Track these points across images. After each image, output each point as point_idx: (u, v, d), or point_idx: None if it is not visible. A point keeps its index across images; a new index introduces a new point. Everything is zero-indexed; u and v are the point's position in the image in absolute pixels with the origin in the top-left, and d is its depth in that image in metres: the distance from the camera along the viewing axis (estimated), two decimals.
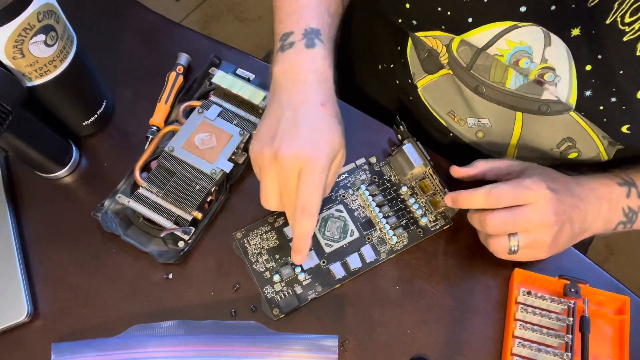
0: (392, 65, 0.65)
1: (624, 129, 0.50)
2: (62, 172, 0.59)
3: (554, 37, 0.48)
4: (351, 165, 0.59)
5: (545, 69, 0.49)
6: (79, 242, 0.56)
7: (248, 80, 0.62)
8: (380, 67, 0.67)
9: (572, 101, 0.50)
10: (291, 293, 0.53)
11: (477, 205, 0.50)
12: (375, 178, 0.58)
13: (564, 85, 0.50)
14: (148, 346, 0.50)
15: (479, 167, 0.53)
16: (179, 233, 0.54)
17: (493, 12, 0.48)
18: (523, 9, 0.47)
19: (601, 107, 0.49)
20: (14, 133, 0.51)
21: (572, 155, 0.57)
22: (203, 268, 0.55)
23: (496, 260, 0.54)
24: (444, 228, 0.56)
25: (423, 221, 0.56)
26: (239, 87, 0.59)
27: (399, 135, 0.59)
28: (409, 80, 0.62)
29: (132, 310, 0.53)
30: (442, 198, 0.56)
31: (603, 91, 0.48)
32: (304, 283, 0.54)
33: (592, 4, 0.45)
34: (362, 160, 0.59)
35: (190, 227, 0.55)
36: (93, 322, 0.53)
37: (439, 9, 0.50)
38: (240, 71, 0.62)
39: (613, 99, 0.48)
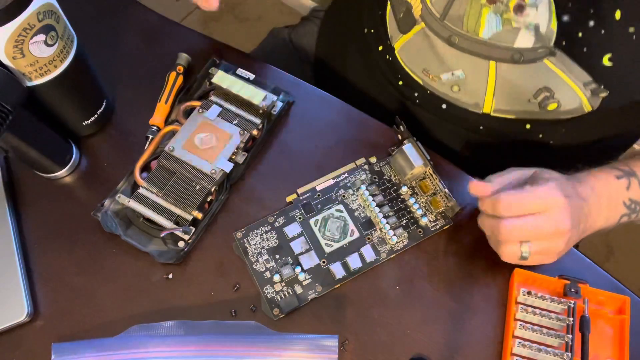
0: (372, 30, 0.66)
1: (606, 60, 0.48)
2: (62, 172, 0.59)
3: None
4: (351, 165, 0.59)
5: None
6: (79, 242, 0.56)
7: (248, 80, 0.62)
8: (366, 31, 0.68)
9: (553, 27, 0.49)
10: (291, 293, 0.53)
11: (491, 212, 0.49)
12: (375, 178, 0.58)
13: (543, 9, 0.48)
14: (148, 346, 0.50)
15: (496, 182, 0.51)
16: (179, 233, 0.54)
17: None
18: None
19: (580, 34, 0.48)
20: (14, 133, 0.51)
21: (552, 106, 0.56)
22: (203, 268, 0.55)
23: (496, 260, 0.54)
24: (444, 228, 0.56)
25: (423, 221, 0.56)
26: (239, 87, 0.60)
27: (399, 135, 0.59)
28: (388, 42, 0.63)
29: (132, 310, 0.53)
30: (442, 198, 0.56)
31: (581, 14, 0.47)
32: (304, 283, 0.54)
33: None
34: (362, 160, 0.59)
35: (190, 227, 0.55)
36: (93, 322, 0.53)
37: None
38: (240, 71, 0.62)
39: (591, 23, 0.47)
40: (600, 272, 0.55)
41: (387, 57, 0.64)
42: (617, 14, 0.46)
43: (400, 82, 0.64)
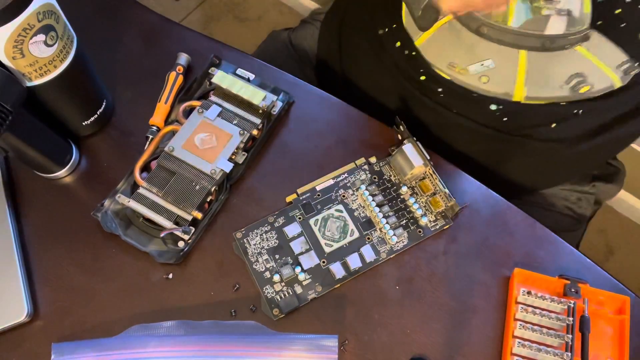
0: (386, 29, 0.65)
1: None
2: (62, 172, 0.59)
3: None
4: (351, 165, 0.59)
5: None
6: (79, 242, 0.56)
7: (248, 80, 0.62)
8: (380, 31, 0.67)
9: (587, 10, 0.49)
10: (291, 293, 0.53)
11: None
12: (375, 178, 0.58)
13: None
14: (148, 346, 0.50)
15: None
16: (178, 233, 0.54)
17: None
18: None
19: (617, 11, 0.48)
20: (14, 133, 0.51)
21: (584, 89, 0.56)
22: (203, 268, 0.55)
23: (496, 260, 0.54)
24: (444, 228, 0.56)
25: (423, 221, 0.56)
26: (239, 87, 0.60)
27: (399, 135, 0.59)
28: (409, 39, 0.62)
29: (132, 310, 0.53)
30: (442, 198, 0.56)
31: None
32: (304, 283, 0.54)
33: None
34: (362, 160, 0.59)
35: (190, 227, 0.55)
36: (93, 322, 0.53)
37: None
38: (240, 71, 0.62)
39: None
40: (600, 272, 0.55)
41: (407, 52, 0.63)
42: None
43: (423, 77, 0.64)
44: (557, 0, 0.49)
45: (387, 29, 0.65)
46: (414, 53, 0.63)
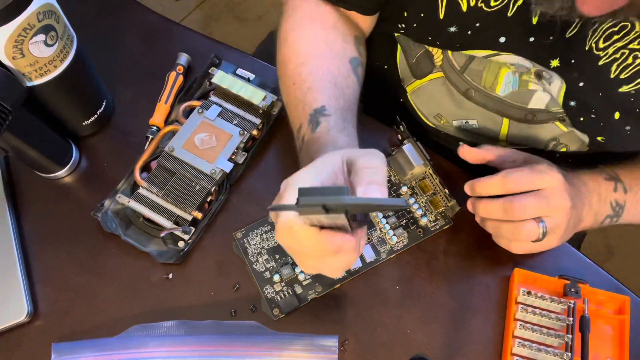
0: (385, 67, 0.65)
1: (599, 138, 0.53)
2: (62, 172, 0.59)
3: (537, 66, 0.51)
4: None
5: (541, 70, 0.52)
6: (79, 242, 0.56)
7: (248, 80, 0.62)
8: (377, 63, 0.67)
9: (560, 101, 0.52)
10: (291, 293, 0.53)
11: (495, 191, 0.48)
12: None
13: (555, 88, 0.52)
14: (148, 346, 0.50)
15: (487, 148, 0.52)
16: (178, 233, 0.54)
17: (476, 42, 0.51)
18: (502, 39, 0.50)
19: (582, 119, 0.52)
20: (14, 133, 0.51)
21: (562, 149, 0.58)
22: (203, 268, 0.55)
23: (496, 260, 0.54)
24: (444, 228, 0.56)
25: (423, 221, 0.56)
26: (239, 87, 0.60)
27: (399, 135, 0.59)
28: (400, 83, 0.63)
29: (132, 310, 0.53)
30: (442, 198, 0.56)
31: (584, 106, 0.51)
32: (304, 283, 0.53)
33: (570, 35, 0.47)
34: None
35: (190, 227, 0.55)
36: (93, 322, 0.53)
37: (430, 38, 0.54)
38: (240, 71, 0.62)
39: (592, 115, 0.51)
40: (600, 272, 0.55)
41: (400, 99, 0.64)
42: (617, 115, 0.50)
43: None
44: (543, 82, 0.52)
45: (385, 66, 0.65)
46: (402, 100, 0.64)
